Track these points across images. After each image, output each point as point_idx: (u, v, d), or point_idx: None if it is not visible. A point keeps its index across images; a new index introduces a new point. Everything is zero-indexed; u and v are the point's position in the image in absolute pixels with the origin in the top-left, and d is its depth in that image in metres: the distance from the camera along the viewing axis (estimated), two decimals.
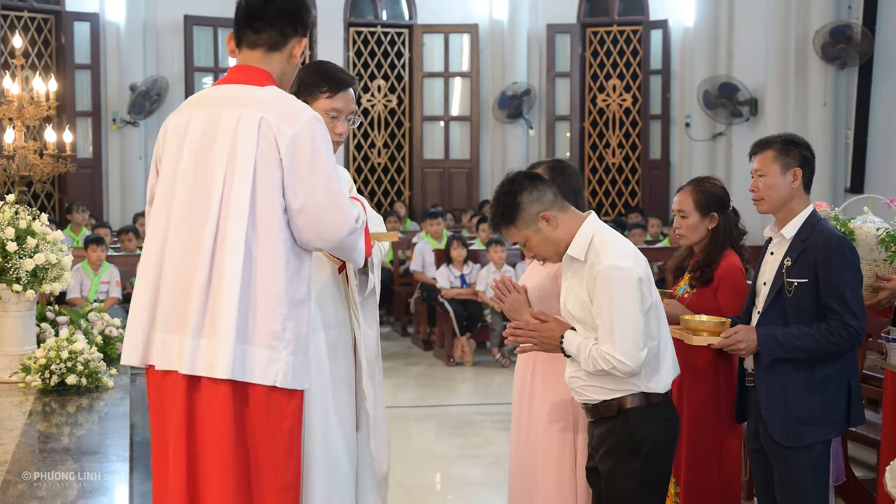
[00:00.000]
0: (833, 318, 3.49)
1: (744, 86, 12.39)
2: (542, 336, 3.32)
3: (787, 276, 3.55)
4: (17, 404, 3.91)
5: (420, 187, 14.36)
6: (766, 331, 3.57)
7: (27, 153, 7.19)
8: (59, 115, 11.58)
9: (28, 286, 4.16)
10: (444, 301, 9.75)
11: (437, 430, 7.35)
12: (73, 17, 12.88)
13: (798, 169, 3.61)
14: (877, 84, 11.34)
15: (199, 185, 2.87)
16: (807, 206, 3.65)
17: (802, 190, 3.64)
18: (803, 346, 3.51)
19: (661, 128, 13.93)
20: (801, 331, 3.52)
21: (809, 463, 3.57)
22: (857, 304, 3.49)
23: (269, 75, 3.03)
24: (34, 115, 7.10)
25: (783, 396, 3.58)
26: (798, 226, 3.61)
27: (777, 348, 3.54)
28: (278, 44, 3.06)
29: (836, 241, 3.53)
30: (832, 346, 3.49)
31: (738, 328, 3.59)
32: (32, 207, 4.40)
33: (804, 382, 3.56)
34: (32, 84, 7.24)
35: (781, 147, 3.65)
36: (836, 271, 3.49)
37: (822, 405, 3.55)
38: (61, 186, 12.83)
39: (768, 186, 3.65)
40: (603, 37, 14.07)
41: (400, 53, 14.28)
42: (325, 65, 3.54)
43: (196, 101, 3.09)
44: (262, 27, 3.05)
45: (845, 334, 3.47)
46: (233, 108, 2.92)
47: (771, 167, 3.65)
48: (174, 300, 2.86)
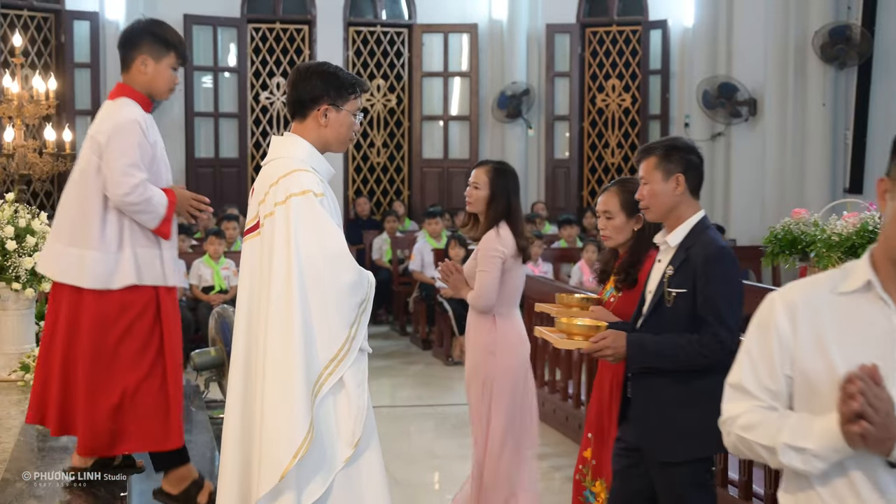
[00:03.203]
0: (706, 330, 3.33)
1: (743, 86, 12.39)
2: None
3: (667, 286, 3.42)
4: (16, 402, 3.91)
5: (419, 187, 14.36)
6: (635, 338, 3.43)
7: (27, 152, 7.20)
8: (59, 113, 11.57)
9: (27, 285, 4.17)
10: (443, 300, 9.75)
11: (435, 430, 7.36)
12: (72, 15, 12.87)
13: (681, 175, 3.47)
14: (876, 84, 11.35)
15: None
16: (695, 212, 3.51)
17: (689, 196, 3.50)
18: (672, 357, 3.36)
19: (660, 128, 13.92)
20: (671, 341, 3.37)
21: (690, 480, 3.40)
22: (731, 318, 3.34)
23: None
24: (34, 113, 7.11)
25: (659, 409, 3.44)
26: (684, 234, 3.46)
27: (645, 356, 3.41)
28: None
29: (715, 251, 3.39)
30: (701, 359, 3.33)
31: (607, 333, 3.45)
32: (32, 206, 4.40)
33: (681, 396, 3.40)
34: (32, 83, 7.25)
35: (663, 153, 3.49)
36: (713, 282, 3.34)
37: (700, 420, 3.28)
38: (60, 185, 12.80)
39: (652, 194, 3.50)
40: (602, 37, 14.07)
41: (399, 53, 14.28)
42: (339, 68, 3.65)
43: None
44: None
45: (716, 348, 3.31)
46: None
47: (653, 174, 3.48)
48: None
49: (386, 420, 7.04)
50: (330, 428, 3.33)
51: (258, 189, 3.48)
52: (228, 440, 3.45)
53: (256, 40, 13.82)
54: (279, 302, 3.29)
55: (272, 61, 13.89)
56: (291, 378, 3.25)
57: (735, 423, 2.21)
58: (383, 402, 7.98)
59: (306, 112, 3.48)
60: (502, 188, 4.56)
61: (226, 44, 13.84)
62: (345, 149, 3.62)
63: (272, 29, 13.84)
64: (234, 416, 3.44)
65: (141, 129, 4.01)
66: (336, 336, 3.32)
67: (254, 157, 13.94)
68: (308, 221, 3.33)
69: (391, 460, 3.61)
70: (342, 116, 3.48)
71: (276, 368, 3.27)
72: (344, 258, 3.36)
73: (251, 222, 3.50)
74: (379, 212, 13.69)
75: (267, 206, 3.39)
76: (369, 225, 12.95)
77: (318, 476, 3.29)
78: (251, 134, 13.91)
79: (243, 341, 3.45)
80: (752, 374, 2.19)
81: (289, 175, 3.38)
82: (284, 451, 3.21)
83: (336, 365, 3.31)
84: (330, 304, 3.32)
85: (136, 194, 3.93)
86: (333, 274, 3.33)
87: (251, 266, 3.45)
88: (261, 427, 3.28)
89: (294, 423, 3.23)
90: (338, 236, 3.38)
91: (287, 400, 3.24)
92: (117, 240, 3.99)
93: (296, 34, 13.89)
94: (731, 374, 2.25)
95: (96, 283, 3.94)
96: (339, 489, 3.33)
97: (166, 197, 4.05)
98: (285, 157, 3.47)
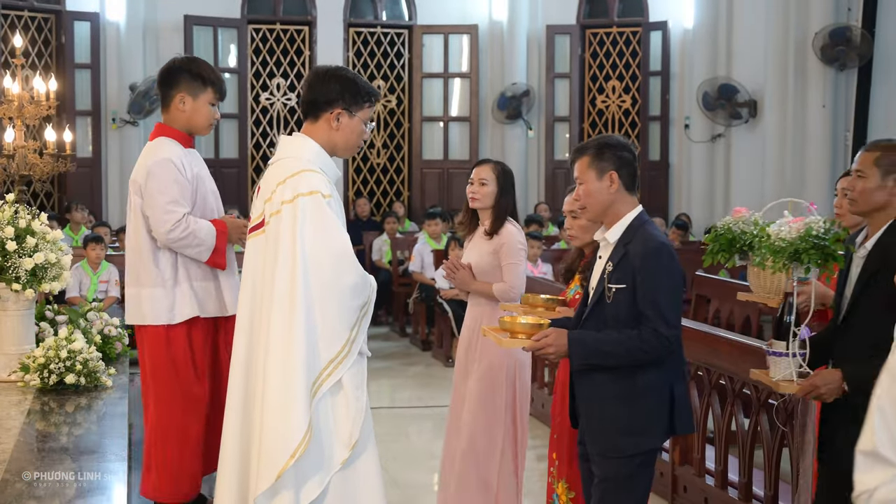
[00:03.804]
0: (645, 325, 3.34)
1: (743, 87, 12.40)
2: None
3: (607, 282, 3.43)
4: (16, 403, 3.91)
5: (419, 188, 14.36)
6: (576, 335, 3.44)
7: (27, 152, 7.19)
8: (59, 114, 11.58)
9: (27, 285, 4.17)
10: (443, 301, 9.74)
11: (434, 431, 7.35)
12: (73, 16, 12.88)
13: (614, 172, 3.46)
14: (876, 86, 11.35)
15: None
16: (633, 208, 3.50)
17: (625, 192, 3.48)
18: (612, 353, 3.37)
19: (660, 129, 13.93)
20: (611, 337, 3.38)
21: (626, 473, 3.42)
22: (671, 312, 3.35)
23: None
24: (34, 114, 7.10)
25: (601, 406, 3.46)
26: (622, 230, 3.47)
27: (586, 353, 3.41)
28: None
29: (654, 246, 3.39)
30: (642, 354, 3.34)
31: (549, 332, 3.45)
32: (32, 206, 4.41)
33: (624, 391, 3.41)
34: (32, 83, 7.24)
35: (595, 152, 3.49)
36: (652, 277, 3.35)
37: (643, 415, 3.40)
38: (61, 186, 12.83)
39: (587, 193, 3.50)
40: (602, 38, 14.07)
41: (399, 54, 14.28)
42: (357, 75, 3.70)
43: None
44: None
45: (656, 343, 3.32)
46: None
47: (587, 174, 3.49)
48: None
49: (385, 421, 7.04)
50: (328, 429, 3.33)
51: (264, 187, 3.48)
52: (228, 437, 3.46)
53: (257, 41, 13.82)
54: (283, 300, 3.29)
55: (272, 62, 13.89)
56: (293, 376, 3.26)
57: (872, 498, 1.86)
58: (383, 403, 7.98)
59: (319, 114, 3.50)
60: (509, 185, 4.64)
61: (226, 44, 13.84)
62: (351, 155, 3.68)
63: (272, 30, 13.84)
64: (235, 413, 3.45)
65: (176, 167, 4.14)
66: (337, 337, 3.33)
67: (254, 158, 13.95)
68: (315, 221, 3.34)
69: (390, 461, 3.61)
70: (354, 123, 3.52)
71: (278, 366, 3.28)
72: (348, 260, 3.37)
73: (256, 220, 3.50)
74: (379, 213, 13.69)
75: (274, 205, 3.39)
76: (369, 226, 12.95)
77: (316, 476, 3.30)
78: (251, 135, 13.91)
79: (245, 340, 3.46)
80: (887, 436, 1.85)
81: (298, 175, 3.39)
82: (283, 449, 3.22)
83: (335, 366, 3.32)
84: (332, 305, 3.33)
85: (178, 230, 4.08)
86: (337, 275, 3.34)
87: (255, 264, 3.46)
88: (261, 425, 3.29)
89: (293, 422, 3.23)
90: (343, 238, 3.39)
91: (288, 398, 3.25)
92: (172, 275, 4.16)
93: (296, 35, 13.90)
94: (863, 440, 1.90)
95: (157, 319, 4.16)
96: (335, 491, 3.34)
97: (215, 228, 4.17)
98: (294, 157, 3.47)
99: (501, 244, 4.58)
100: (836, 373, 3.30)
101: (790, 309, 3.37)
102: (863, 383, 3.18)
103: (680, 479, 5.42)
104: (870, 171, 3.38)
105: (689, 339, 5.30)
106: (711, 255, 3.58)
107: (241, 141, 13.78)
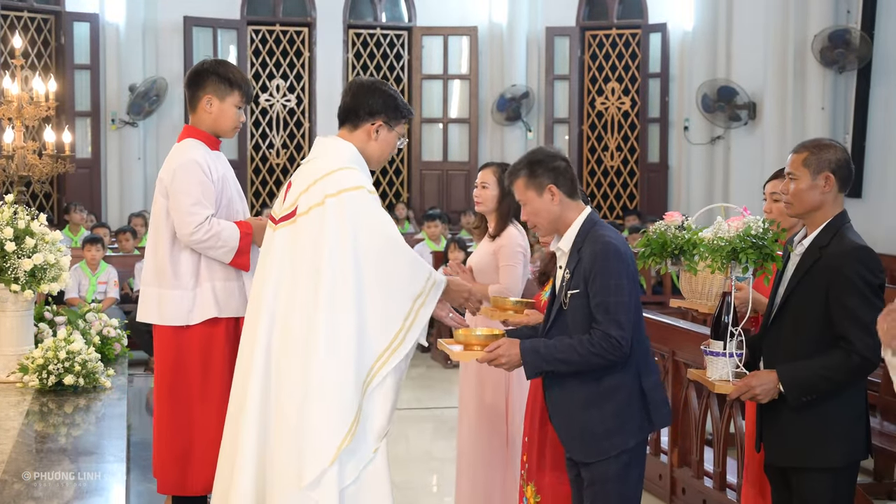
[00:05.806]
0: (596, 328, 3.32)
1: (742, 89, 12.40)
2: None
3: (566, 289, 3.43)
4: (15, 404, 3.91)
5: (418, 189, 14.37)
6: (528, 344, 3.42)
7: (26, 153, 7.19)
8: (59, 115, 11.58)
9: (26, 286, 4.17)
10: None
11: (434, 432, 7.36)
12: (72, 17, 12.89)
13: (552, 185, 3.46)
14: (875, 88, 11.34)
15: None
16: (579, 213, 3.50)
17: (568, 200, 3.49)
18: (566, 359, 3.35)
19: (659, 131, 13.94)
20: (563, 343, 3.36)
21: (614, 472, 3.42)
22: (622, 314, 3.31)
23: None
24: (33, 115, 7.11)
25: (570, 416, 3.46)
26: (573, 235, 3.47)
27: (540, 361, 3.39)
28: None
29: (602, 248, 3.37)
30: (595, 358, 3.32)
31: (501, 342, 3.45)
32: (31, 207, 4.40)
33: (591, 396, 3.41)
34: (32, 84, 7.24)
35: (527, 172, 3.49)
36: (599, 279, 3.34)
37: (615, 415, 3.39)
38: (60, 186, 12.83)
39: (533, 213, 3.51)
40: (602, 40, 14.08)
41: (399, 55, 14.29)
42: (397, 92, 3.77)
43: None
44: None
45: (607, 346, 3.30)
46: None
47: (527, 194, 3.50)
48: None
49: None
50: (369, 417, 3.39)
51: (299, 182, 3.53)
52: (244, 435, 3.44)
53: (256, 42, 13.83)
54: (332, 291, 3.33)
55: (272, 63, 13.90)
56: (345, 365, 3.32)
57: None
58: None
59: (359, 123, 3.59)
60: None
61: (226, 46, 13.84)
62: (379, 168, 3.74)
63: (272, 31, 13.85)
64: (253, 406, 3.44)
65: (201, 168, 4.17)
66: (390, 326, 3.39)
67: (253, 160, 13.95)
68: (367, 214, 3.42)
69: (389, 462, 3.61)
70: (391, 137, 3.64)
71: (329, 355, 3.32)
72: (400, 249, 3.44)
73: (286, 210, 3.52)
74: None
75: (314, 196, 3.43)
76: None
77: (351, 463, 3.35)
78: (250, 136, 13.91)
79: (266, 329, 3.45)
80: None
81: (341, 171, 3.46)
82: (334, 434, 3.28)
83: (390, 354, 3.38)
84: (384, 295, 3.38)
85: (201, 231, 4.11)
86: (389, 264, 3.40)
87: (281, 254, 3.48)
88: (302, 412, 3.32)
89: (344, 409, 3.30)
90: (394, 229, 3.48)
91: (338, 386, 3.31)
92: (193, 276, 4.19)
93: (295, 36, 13.90)
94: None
95: (175, 319, 4.18)
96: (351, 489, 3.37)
97: (239, 229, 4.19)
98: (334, 156, 3.54)
99: (500, 246, 4.64)
100: (771, 374, 3.29)
101: (728, 309, 3.36)
102: (797, 384, 3.20)
103: (678, 481, 5.43)
104: (800, 172, 3.40)
105: (683, 338, 5.33)
106: (643, 259, 3.59)
107: (241, 142, 13.78)
